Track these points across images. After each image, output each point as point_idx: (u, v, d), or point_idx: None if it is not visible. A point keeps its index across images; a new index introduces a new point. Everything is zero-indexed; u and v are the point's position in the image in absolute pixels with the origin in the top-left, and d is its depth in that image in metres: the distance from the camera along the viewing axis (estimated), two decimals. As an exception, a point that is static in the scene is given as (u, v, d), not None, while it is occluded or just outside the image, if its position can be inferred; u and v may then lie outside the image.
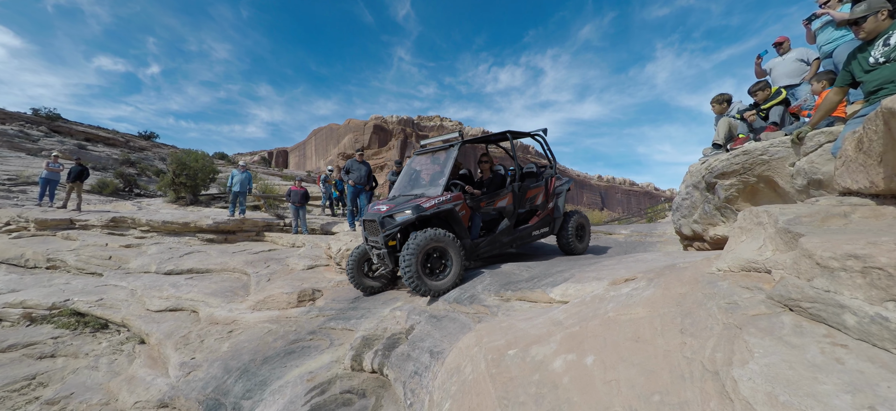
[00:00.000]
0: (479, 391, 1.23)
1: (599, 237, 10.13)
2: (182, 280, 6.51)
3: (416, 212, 3.97)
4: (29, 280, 7.12)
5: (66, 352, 5.27)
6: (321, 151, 75.61)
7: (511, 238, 4.87)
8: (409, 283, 3.64)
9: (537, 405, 1.05)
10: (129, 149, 32.15)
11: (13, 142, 26.18)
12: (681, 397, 1.00)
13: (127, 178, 21.13)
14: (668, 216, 16.58)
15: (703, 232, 4.93)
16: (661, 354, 1.12)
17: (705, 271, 1.49)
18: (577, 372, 1.10)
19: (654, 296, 1.40)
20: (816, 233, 1.25)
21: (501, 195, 4.86)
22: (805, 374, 0.93)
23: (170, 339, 4.75)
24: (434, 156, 5.08)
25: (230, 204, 9.92)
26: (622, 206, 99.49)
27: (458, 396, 1.32)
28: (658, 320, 1.25)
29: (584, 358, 1.15)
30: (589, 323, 1.31)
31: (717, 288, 1.31)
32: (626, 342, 1.19)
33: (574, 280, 2.88)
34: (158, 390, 4.04)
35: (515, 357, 1.28)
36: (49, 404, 4.32)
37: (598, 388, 1.07)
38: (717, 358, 1.04)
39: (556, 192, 5.48)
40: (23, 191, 17.80)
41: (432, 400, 1.61)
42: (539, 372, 1.16)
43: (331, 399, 2.91)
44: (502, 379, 1.20)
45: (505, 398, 1.11)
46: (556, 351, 1.23)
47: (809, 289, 1.09)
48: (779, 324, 1.08)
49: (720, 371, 1.00)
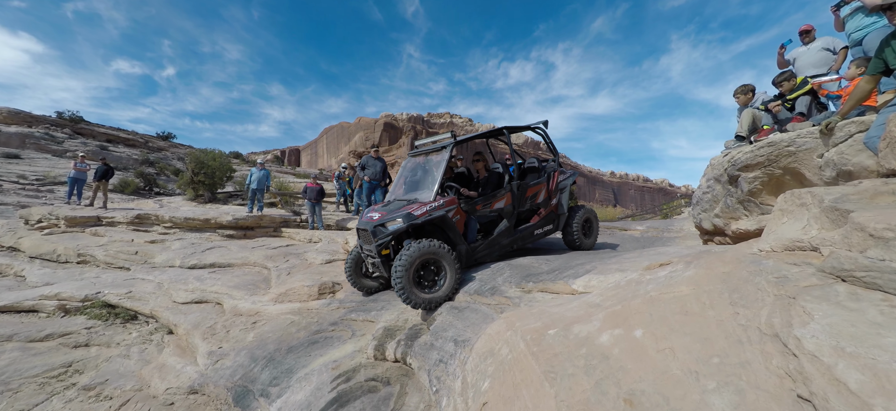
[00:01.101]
0: (522, 368, 1.26)
1: (614, 233, 10.04)
2: (205, 274, 6.71)
3: (406, 221, 3.85)
4: (62, 274, 7.42)
5: (99, 342, 5.49)
6: (332, 149, 76.36)
7: (511, 239, 4.68)
8: (401, 296, 3.49)
9: (588, 375, 1.07)
10: (148, 150, 33.02)
11: (40, 144, 27.14)
12: (741, 358, 1.03)
13: (147, 178, 21.74)
14: (685, 212, 16.29)
15: (725, 226, 4.86)
16: (713, 324, 1.15)
17: (747, 252, 1.50)
18: (626, 345, 1.13)
19: (697, 275, 1.41)
20: (866, 209, 1.25)
21: (499, 196, 4.63)
22: (868, 331, 0.95)
23: (197, 330, 4.91)
24: (427, 158, 4.84)
25: (249, 201, 10.14)
26: (635, 203, 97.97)
27: (498, 375, 1.36)
28: (705, 296, 1.27)
29: (631, 332, 1.17)
30: (631, 303, 1.33)
31: (762, 265, 1.32)
32: (675, 316, 1.21)
33: (596, 271, 2.89)
34: (188, 377, 4.18)
35: (557, 336, 1.31)
36: (86, 390, 4.52)
37: (652, 356, 1.10)
38: (775, 322, 1.06)
39: (560, 188, 5.26)
40: (50, 190, 18.47)
41: (465, 382, 1.65)
42: (586, 347, 1.18)
43: (356, 386, 2.99)
44: (545, 355, 1.23)
45: (551, 371, 1.14)
46: (601, 328, 1.25)
47: (863, 259, 1.10)
48: (833, 293, 1.10)
49: (780, 333, 1.02)
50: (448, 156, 4.38)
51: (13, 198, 15.37)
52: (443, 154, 4.49)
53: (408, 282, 3.47)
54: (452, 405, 1.73)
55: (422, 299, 3.52)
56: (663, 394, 1.00)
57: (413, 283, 3.53)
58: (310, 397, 3.02)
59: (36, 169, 21.39)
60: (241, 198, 15.57)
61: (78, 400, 4.41)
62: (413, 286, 3.52)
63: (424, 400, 2.63)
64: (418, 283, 3.61)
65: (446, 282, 3.68)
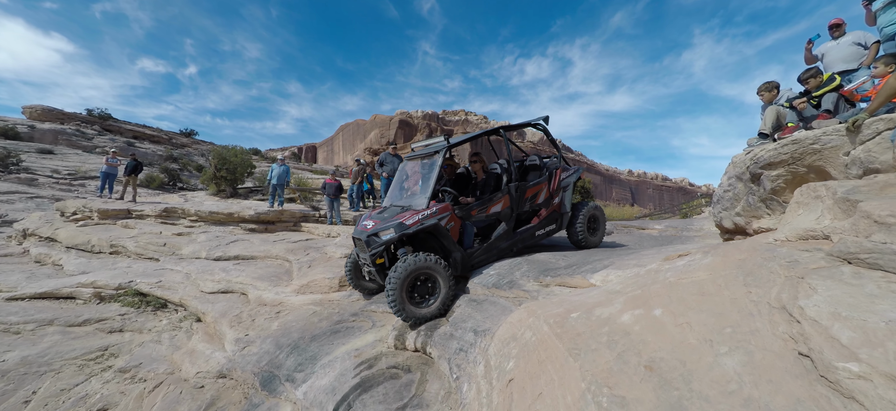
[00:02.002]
0: (546, 347, 1.33)
1: (631, 232, 9.95)
2: (230, 265, 6.96)
3: (398, 231, 3.79)
4: (96, 263, 7.81)
5: (133, 328, 5.79)
6: (348, 146, 77.25)
7: (510, 242, 4.53)
8: (394, 311, 3.45)
9: (610, 349, 1.15)
10: (171, 146, 34.12)
11: (71, 140, 28.35)
12: (751, 327, 1.13)
13: (171, 173, 22.49)
14: (705, 211, 15.95)
15: (747, 225, 4.80)
16: (727, 301, 1.21)
17: (763, 242, 1.54)
18: (647, 322, 1.20)
19: (714, 262, 1.47)
20: (874, 199, 1.33)
21: (495, 200, 4.46)
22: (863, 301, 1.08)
23: (224, 318, 5.13)
24: (422, 162, 4.69)
25: (269, 196, 10.43)
26: (654, 202, 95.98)
27: (522, 355, 1.44)
28: (721, 279, 1.33)
29: (651, 311, 1.24)
30: (650, 288, 1.39)
31: (776, 252, 1.38)
32: (692, 296, 1.28)
33: (614, 267, 2.92)
34: (217, 362, 4.39)
35: (579, 318, 1.38)
36: (121, 372, 4.78)
37: (671, 331, 1.17)
38: (783, 297, 1.14)
39: (563, 186, 5.07)
40: (82, 184, 19.30)
41: (488, 365, 1.73)
42: (608, 326, 1.26)
43: (378, 373, 3.11)
44: (569, 335, 1.30)
45: (575, 348, 1.21)
46: (622, 309, 1.32)
47: (867, 243, 1.18)
48: (838, 272, 1.18)
49: (787, 305, 1.13)
50: (441, 161, 4.25)
51: (48, 192, 16.15)
52: (436, 159, 4.33)
53: (401, 298, 3.42)
54: (475, 388, 1.82)
55: (416, 314, 3.48)
56: (680, 359, 1.09)
57: (407, 298, 3.48)
58: (334, 382, 3.16)
59: (68, 164, 22.38)
60: (261, 194, 15.99)
61: (115, 381, 4.68)
62: (407, 301, 3.47)
63: (444, 387, 2.72)
64: (412, 296, 3.55)
65: (440, 296, 3.61)
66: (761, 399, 1.01)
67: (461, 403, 2.10)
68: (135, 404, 4.24)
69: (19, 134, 24.99)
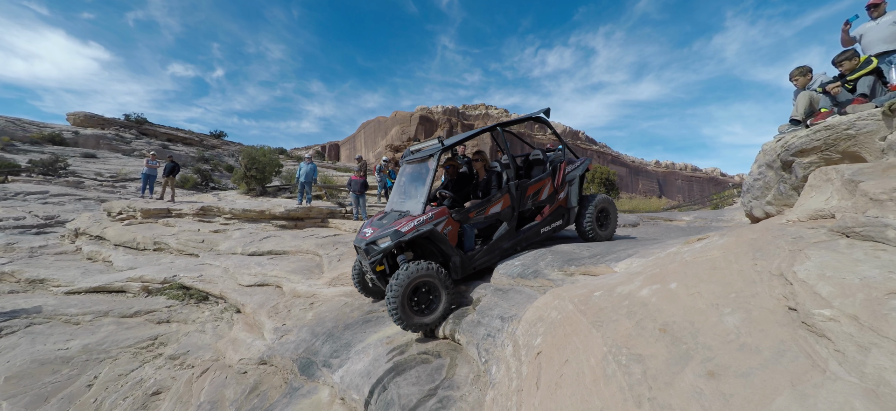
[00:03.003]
0: (571, 322, 1.45)
1: (658, 224, 9.78)
2: (264, 260, 7.34)
3: (394, 239, 3.76)
4: (142, 259, 8.38)
5: (178, 319, 6.22)
6: (370, 144, 78.32)
7: (513, 241, 4.40)
8: (395, 321, 3.45)
9: (629, 318, 1.26)
10: (203, 147, 35.61)
11: (111, 144, 30.03)
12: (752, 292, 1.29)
13: (203, 174, 23.52)
14: (737, 201, 15.41)
15: (778, 213, 4.71)
16: (735, 273, 1.32)
17: (776, 223, 1.60)
18: (663, 294, 1.31)
19: (728, 242, 1.55)
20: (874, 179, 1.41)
21: (494, 200, 4.32)
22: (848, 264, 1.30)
23: (262, 309, 5.45)
24: (420, 164, 4.61)
25: (298, 193, 10.83)
26: (683, 194, 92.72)
27: (549, 332, 1.55)
28: (732, 255, 1.43)
29: (667, 285, 1.34)
30: (668, 267, 1.48)
31: (785, 231, 1.46)
32: (704, 271, 1.38)
33: (639, 255, 2.97)
34: (258, 350, 4.69)
35: (602, 296, 1.49)
36: (171, 359, 5.18)
37: (683, 300, 1.28)
38: (782, 266, 1.27)
39: (568, 180, 4.89)
40: (123, 186, 20.49)
41: (516, 345, 1.85)
42: (628, 300, 1.36)
43: (410, 358, 3.28)
44: (592, 310, 1.41)
45: (598, 321, 1.32)
46: (641, 286, 1.42)
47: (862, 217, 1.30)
48: (835, 245, 1.32)
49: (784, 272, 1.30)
50: (436, 164, 4.15)
51: (93, 194, 17.26)
52: (431, 163, 4.25)
53: (401, 308, 3.41)
54: (504, 367, 1.94)
55: (418, 323, 3.48)
56: (689, 321, 1.22)
57: (407, 307, 3.47)
58: (368, 367, 3.35)
59: (109, 166, 23.78)
60: (288, 192, 16.55)
61: (166, 367, 5.08)
62: (408, 310, 3.46)
63: (473, 371, 2.86)
64: (413, 304, 3.54)
65: (440, 305, 3.60)
66: (753, 343, 1.20)
67: (491, 383, 2.23)
68: (185, 388, 4.59)
69: (65, 139, 26.72)
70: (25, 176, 17.65)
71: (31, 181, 16.82)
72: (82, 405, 4.42)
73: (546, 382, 1.27)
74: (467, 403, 2.52)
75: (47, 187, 16.03)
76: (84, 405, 4.42)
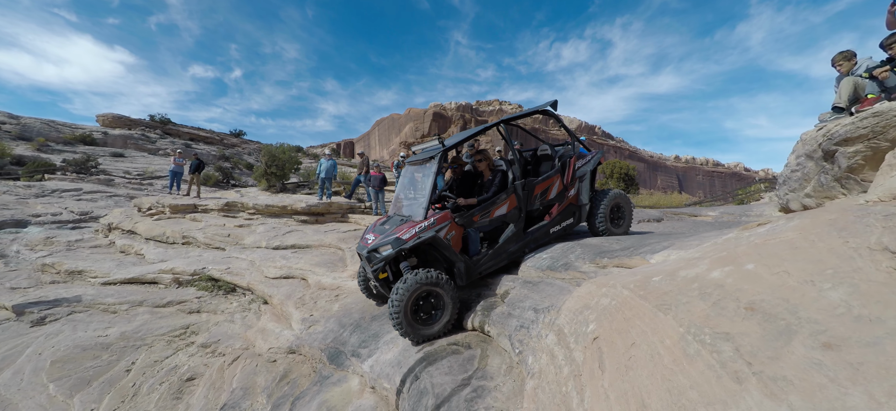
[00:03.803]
0: (630, 307, 1.41)
1: (682, 219, 9.54)
2: (289, 253, 7.48)
3: (396, 247, 3.65)
4: (172, 252, 8.66)
5: (208, 309, 6.40)
6: (384, 141, 78.86)
7: (521, 243, 4.22)
8: (400, 332, 3.38)
9: (703, 300, 1.21)
10: (223, 146, 36.53)
11: (138, 143, 31.09)
12: (852, 267, 1.19)
13: (224, 171, 24.13)
14: (764, 197, 14.88)
15: (818, 206, 4.52)
16: (823, 251, 1.25)
17: (852, 204, 1.53)
18: (739, 276, 1.25)
19: (802, 224, 1.47)
20: None
21: (498, 202, 4.12)
22: None
23: (289, 300, 5.56)
24: (421, 167, 4.49)
25: (318, 189, 10.99)
26: (704, 189, 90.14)
27: (603, 318, 1.52)
28: (812, 235, 1.35)
29: (742, 267, 1.28)
30: (735, 250, 1.42)
31: (870, 210, 1.37)
32: (784, 251, 1.31)
33: (675, 248, 2.90)
34: (286, 340, 4.79)
35: (662, 281, 1.44)
36: (203, 347, 5.34)
37: (767, 279, 1.22)
38: (884, 240, 1.16)
39: (579, 176, 4.65)
40: (150, 183, 21.19)
41: (561, 333, 1.83)
42: (697, 282, 1.31)
43: (440, 349, 3.29)
44: (654, 295, 1.37)
45: (663, 304, 1.28)
46: (708, 269, 1.37)
47: None
48: None
49: (888, 246, 1.16)
50: (437, 167, 3.98)
51: (123, 191, 17.91)
52: (431, 166, 4.10)
53: (406, 319, 3.33)
54: (545, 356, 1.92)
55: (423, 334, 3.40)
56: (782, 298, 1.14)
57: (412, 319, 3.38)
58: (398, 357, 3.38)
59: (137, 165, 24.63)
60: (307, 188, 16.82)
61: (198, 355, 5.24)
62: (412, 321, 3.38)
63: (506, 362, 2.86)
64: (417, 314, 3.46)
65: (446, 313, 3.50)
66: (870, 315, 1.09)
67: (529, 373, 2.22)
68: (217, 375, 4.73)
69: (95, 140, 27.79)
70: (61, 174, 18.45)
71: (65, 179, 17.57)
72: (122, 389, 4.61)
73: (612, 365, 1.24)
74: (502, 393, 2.51)
75: (81, 185, 16.72)
76: (123, 389, 4.60)
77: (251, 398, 4.14)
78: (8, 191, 13.83)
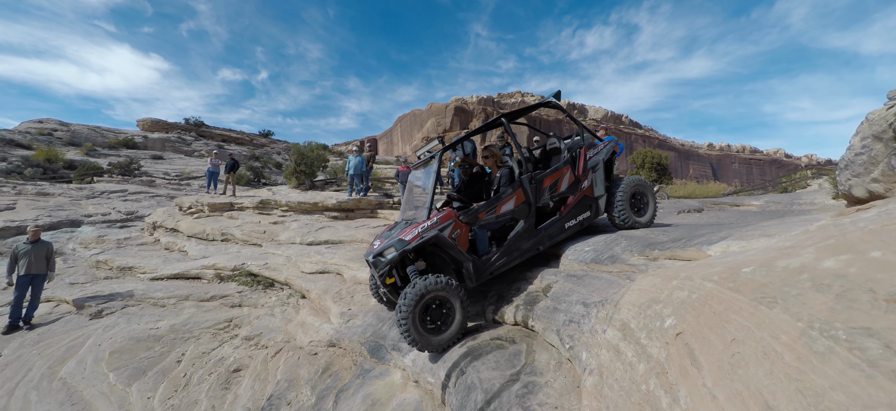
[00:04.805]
0: (719, 300, 1.32)
1: (724, 209, 9.09)
2: (323, 249, 7.65)
3: (399, 249, 3.57)
4: (212, 249, 9.03)
5: (249, 303, 6.63)
6: (406, 137, 79.35)
7: (534, 240, 4.03)
8: (408, 342, 3.29)
9: (821, 292, 1.10)
10: (253, 146, 37.81)
11: (175, 146, 32.59)
12: None
13: (255, 171, 24.96)
14: (811, 184, 13.98)
15: (887, 191, 4.18)
16: None
17: None
18: (864, 264, 1.12)
19: None
20: None
21: (504, 197, 3.98)
22: None
23: (327, 294, 5.67)
24: (424, 169, 4.44)
25: (348, 185, 11.17)
26: (740, 178, 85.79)
27: (685, 312, 1.42)
28: None
29: (865, 255, 1.15)
30: (847, 236, 1.29)
31: None
32: None
33: (734, 237, 2.74)
34: (326, 333, 4.89)
35: (756, 271, 1.34)
36: (247, 339, 5.53)
37: None
38: None
39: (591, 166, 4.45)
40: (188, 183, 22.18)
41: (627, 328, 1.74)
42: (807, 272, 1.20)
43: (483, 343, 3.26)
44: (749, 287, 1.27)
45: (765, 297, 1.18)
46: (817, 257, 1.25)
47: None
48: None
49: None
50: (438, 166, 3.92)
51: (164, 191, 18.83)
52: (431, 166, 4.03)
53: (414, 328, 3.23)
54: (608, 352, 1.84)
55: (433, 344, 3.30)
56: None
57: (420, 327, 3.28)
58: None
59: (175, 166, 25.84)
60: (335, 185, 17.16)
61: (243, 347, 5.43)
62: (421, 329, 3.28)
63: (555, 357, 2.79)
64: (426, 322, 3.36)
65: (455, 320, 3.39)
66: None
67: (585, 369, 2.15)
68: (262, 366, 4.89)
69: (136, 143, 29.35)
70: (107, 177, 19.60)
71: (112, 181, 18.66)
72: (174, 379, 4.84)
73: (711, 363, 1.15)
74: (554, 389, 2.45)
75: (126, 186, 17.70)
76: (176, 379, 4.83)
77: (296, 390, 4.26)
78: (62, 194, 14.81)
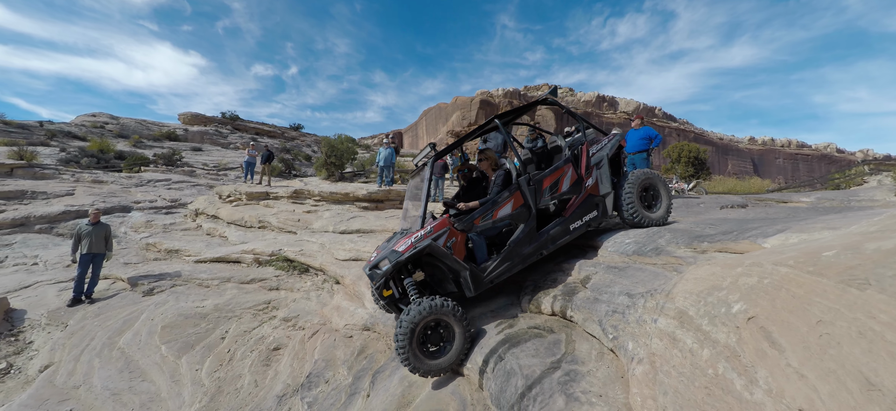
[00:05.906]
0: (798, 284, 1.25)
1: (770, 205, 8.59)
2: (355, 237, 7.83)
3: (393, 260, 3.49)
4: (250, 235, 9.43)
5: (286, 287, 6.90)
6: (431, 131, 79.50)
7: (536, 244, 3.80)
8: (409, 369, 3.19)
9: None
10: (284, 139, 39.03)
11: (213, 138, 34.05)
12: None
13: (287, 163, 25.74)
14: (868, 181, 12.97)
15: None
16: None
17: None
18: None
19: None
20: None
21: (501, 201, 3.79)
22: None
23: (361, 280, 5.81)
24: (419, 176, 4.38)
25: (378, 176, 11.35)
26: (784, 174, 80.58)
27: (757, 297, 1.36)
28: None
29: None
30: None
31: None
32: None
33: (793, 230, 2.59)
34: (360, 317, 5.02)
35: (840, 255, 1.27)
36: (285, 321, 5.76)
37: None
38: None
39: (595, 163, 4.21)
40: (225, 174, 23.16)
41: (684, 316, 1.69)
42: None
43: (520, 332, 3.25)
44: (834, 270, 1.20)
45: (854, 279, 1.12)
46: None
47: None
48: None
49: None
50: (430, 173, 3.81)
51: (204, 180, 19.76)
52: (424, 172, 3.97)
53: (412, 354, 3.15)
54: (661, 342, 1.79)
55: (433, 369, 3.21)
56: None
57: (418, 351, 3.20)
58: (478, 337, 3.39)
59: (212, 158, 27.02)
60: (363, 177, 17.47)
61: (281, 327, 5.66)
62: (419, 354, 3.19)
63: (595, 348, 2.74)
64: (425, 345, 3.28)
65: (455, 343, 3.28)
66: None
67: (632, 358, 2.10)
68: (300, 346, 5.09)
69: (178, 136, 30.93)
70: (153, 167, 20.80)
71: (157, 171, 19.78)
72: (219, 353, 5.11)
73: (794, 344, 1.10)
74: (597, 378, 2.42)
75: (170, 175, 18.73)
76: (220, 354, 5.11)
77: (333, 369, 4.40)
78: (114, 182, 15.86)
